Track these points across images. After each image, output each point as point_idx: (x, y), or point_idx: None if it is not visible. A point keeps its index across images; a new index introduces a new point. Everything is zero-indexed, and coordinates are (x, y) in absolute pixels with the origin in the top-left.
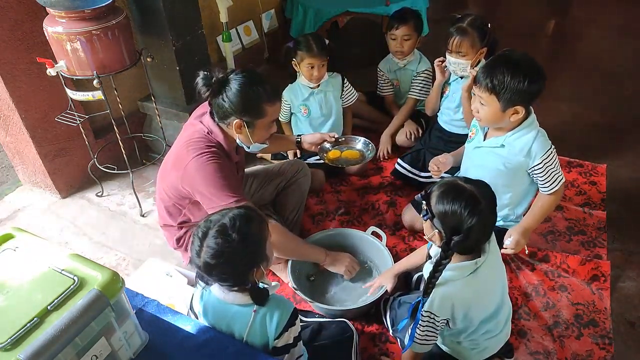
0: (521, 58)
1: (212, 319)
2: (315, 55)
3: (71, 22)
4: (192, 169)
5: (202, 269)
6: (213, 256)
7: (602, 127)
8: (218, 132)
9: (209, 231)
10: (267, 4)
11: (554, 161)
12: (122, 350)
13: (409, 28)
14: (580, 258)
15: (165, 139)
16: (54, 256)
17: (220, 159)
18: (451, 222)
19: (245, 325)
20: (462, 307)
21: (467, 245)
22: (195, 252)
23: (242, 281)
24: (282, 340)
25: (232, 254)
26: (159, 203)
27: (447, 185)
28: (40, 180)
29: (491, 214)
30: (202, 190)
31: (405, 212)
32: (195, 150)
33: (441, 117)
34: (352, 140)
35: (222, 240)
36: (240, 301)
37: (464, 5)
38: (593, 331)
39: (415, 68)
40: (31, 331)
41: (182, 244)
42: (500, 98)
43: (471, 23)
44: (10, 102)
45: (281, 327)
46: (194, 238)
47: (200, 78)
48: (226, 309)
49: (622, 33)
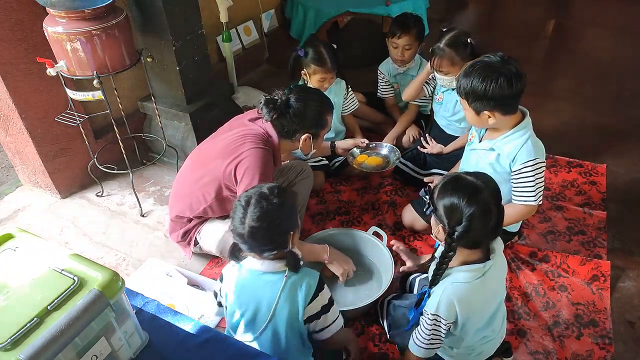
0: (486, 64)
1: (242, 295)
2: (329, 71)
3: (71, 22)
4: (248, 155)
5: (247, 235)
6: (259, 219)
7: (602, 127)
8: (276, 139)
9: (251, 199)
10: (267, 4)
11: (532, 174)
12: (122, 350)
13: (410, 38)
14: (580, 258)
15: (166, 139)
16: (54, 256)
17: (270, 158)
18: (452, 212)
19: (277, 292)
20: (466, 313)
21: (471, 237)
22: (239, 220)
23: (282, 244)
24: (315, 304)
25: (275, 216)
26: (181, 196)
27: (449, 178)
28: (40, 180)
29: (495, 205)
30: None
31: (405, 212)
32: (253, 143)
33: (440, 120)
34: (379, 147)
35: (266, 204)
36: (273, 269)
37: (464, 5)
38: (593, 331)
39: (415, 73)
40: (31, 331)
41: (187, 237)
42: (469, 103)
43: (449, 42)
44: (10, 102)
45: (312, 292)
46: (236, 208)
47: (263, 104)
48: (258, 280)
49: (622, 33)
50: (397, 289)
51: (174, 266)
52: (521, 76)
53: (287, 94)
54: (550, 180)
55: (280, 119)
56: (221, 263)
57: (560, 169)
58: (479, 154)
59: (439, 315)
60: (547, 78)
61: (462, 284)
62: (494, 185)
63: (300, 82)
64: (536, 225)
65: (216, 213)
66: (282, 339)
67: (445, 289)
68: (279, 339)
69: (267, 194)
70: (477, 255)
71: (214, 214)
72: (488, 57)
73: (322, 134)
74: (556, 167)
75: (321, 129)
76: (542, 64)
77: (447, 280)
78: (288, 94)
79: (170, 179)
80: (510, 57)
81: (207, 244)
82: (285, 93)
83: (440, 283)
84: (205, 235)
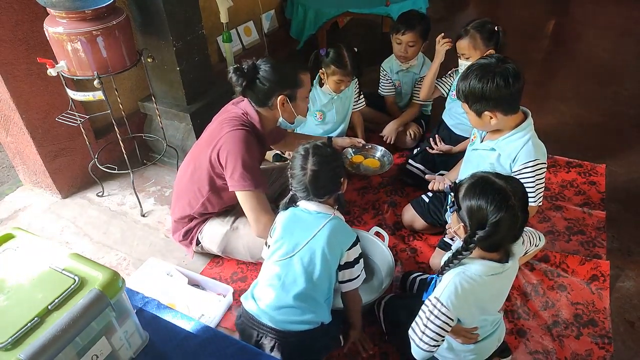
0: (483, 65)
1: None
2: (348, 74)
3: (72, 22)
4: (225, 140)
5: (309, 180)
6: (319, 163)
7: (601, 127)
8: (254, 115)
9: (309, 149)
10: (267, 5)
11: (532, 175)
12: (122, 349)
13: (414, 35)
14: (580, 258)
15: (166, 139)
16: (55, 256)
17: (252, 139)
18: (477, 215)
19: (321, 224)
20: (473, 307)
21: (492, 242)
22: (300, 167)
23: (337, 187)
24: (352, 253)
25: (332, 161)
26: (179, 195)
27: (477, 179)
28: (41, 180)
29: (521, 212)
30: (231, 160)
31: (405, 212)
32: (229, 126)
33: (448, 120)
34: (374, 149)
35: (323, 151)
36: (325, 210)
37: (465, 6)
38: (592, 331)
39: (418, 71)
40: (32, 331)
41: (189, 237)
42: (469, 105)
43: (476, 25)
44: (11, 102)
45: (351, 241)
46: (294, 158)
47: (232, 73)
48: (309, 216)
49: (621, 33)
50: (397, 289)
51: (175, 266)
52: (518, 75)
53: (256, 60)
54: (550, 180)
55: (251, 86)
56: (222, 263)
57: (559, 169)
58: (481, 154)
59: (439, 300)
60: (547, 78)
61: (474, 277)
62: (522, 190)
63: (316, 80)
64: (536, 225)
65: (216, 206)
66: (316, 271)
67: (456, 275)
68: (313, 270)
69: (320, 145)
70: (495, 256)
71: (214, 208)
72: (485, 59)
73: (300, 95)
74: (555, 167)
75: (297, 88)
76: (542, 64)
77: (460, 268)
78: (256, 60)
79: (170, 179)
80: (507, 57)
81: (208, 243)
82: (254, 60)
83: (452, 270)
84: (207, 234)
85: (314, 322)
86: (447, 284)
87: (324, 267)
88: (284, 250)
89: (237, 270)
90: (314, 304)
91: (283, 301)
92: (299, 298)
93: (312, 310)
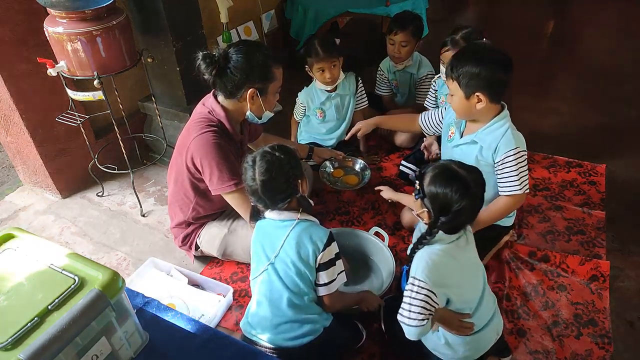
0: (481, 46)
1: (259, 239)
2: (322, 59)
3: (72, 22)
4: (195, 147)
5: (260, 190)
6: (267, 170)
7: (601, 127)
8: (220, 111)
9: (256, 157)
10: (267, 5)
11: (514, 163)
12: (122, 349)
13: (407, 34)
14: (580, 258)
15: (166, 139)
16: (55, 256)
17: (220, 138)
18: (440, 203)
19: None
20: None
21: (453, 226)
22: (250, 177)
23: (293, 191)
24: (326, 254)
25: (281, 166)
26: (171, 202)
27: (440, 168)
28: (41, 180)
29: (480, 200)
30: (205, 166)
31: (404, 212)
32: (196, 131)
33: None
34: (354, 162)
35: (270, 157)
36: (288, 216)
37: (464, 6)
38: (592, 331)
39: (415, 71)
40: (32, 331)
41: (188, 242)
42: (460, 84)
43: (464, 35)
44: (11, 102)
45: (323, 242)
46: (245, 169)
47: (200, 59)
48: (274, 225)
49: (621, 33)
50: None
51: (175, 266)
52: (511, 65)
53: (227, 48)
54: (550, 180)
55: (220, 75)
56: (221, 263)
57: (559, 169)
58: (463, 149)
59: (416, 278)
60: (547, 78)
61: (438, 252)
62: (482, 180)
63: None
64: (535, 225)
65: (208, 209)
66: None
67: (424, 253)
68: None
69: (268, 150)
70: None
71: (206, 211)
72: (478, 42)
73: (271, 89)
74: (555, 167)
75: (268, 81)
76: (542, 64)
77: (424, 249)
78: (228, 48)
79: None
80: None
81: (207, 247)
82: (225, 48)
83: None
84: (205, 238)
85: (314, 331)
86: (418, 262)
87: (298, 274)
88: (261, 266)
89: (237, 270)
90: (307, 310)
91: (277, 317)
92: (290, 309)
93: (309, 319)
